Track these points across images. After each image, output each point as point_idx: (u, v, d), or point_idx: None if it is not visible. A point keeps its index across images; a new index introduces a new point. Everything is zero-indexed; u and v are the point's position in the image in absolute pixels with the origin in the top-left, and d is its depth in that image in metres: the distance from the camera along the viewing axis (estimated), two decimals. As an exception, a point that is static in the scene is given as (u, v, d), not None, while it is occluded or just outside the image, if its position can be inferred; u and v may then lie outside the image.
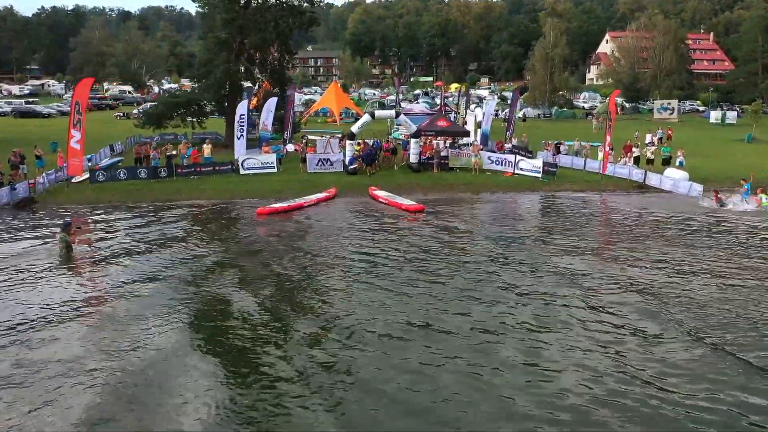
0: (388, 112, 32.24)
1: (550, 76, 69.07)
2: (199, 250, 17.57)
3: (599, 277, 15.48)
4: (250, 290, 14.48)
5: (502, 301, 13.78)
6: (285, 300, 13.96)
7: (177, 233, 19.53)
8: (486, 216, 22.28)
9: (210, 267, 16.17)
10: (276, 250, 17.80)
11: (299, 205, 23.02)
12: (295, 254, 17.23)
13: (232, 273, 15.79)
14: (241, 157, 29.71)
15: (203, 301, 13.75)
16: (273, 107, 34.22)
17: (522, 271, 15.99)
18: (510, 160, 30.76)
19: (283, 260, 16.68)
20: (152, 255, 16.96)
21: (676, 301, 13.78)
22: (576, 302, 13.80)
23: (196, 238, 18.95)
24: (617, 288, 14.71)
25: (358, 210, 22.92)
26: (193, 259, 16.64)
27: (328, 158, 30.58)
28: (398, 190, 26.59)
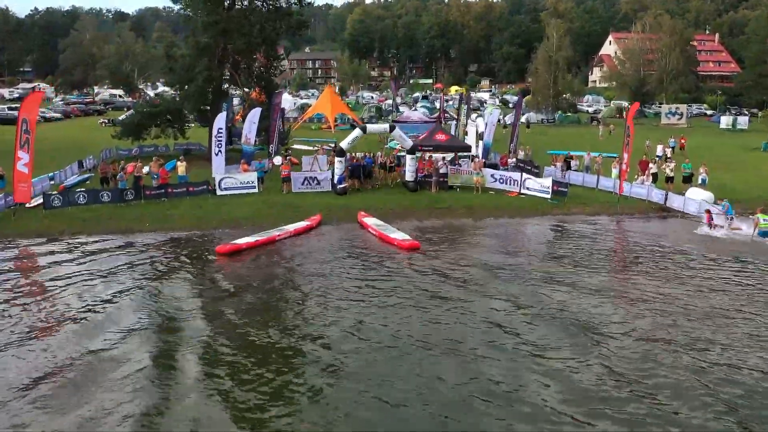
0: (381, 126, 29.00)
1: (553, 79, 65.86)
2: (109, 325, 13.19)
3: (622, 333, 12.40)
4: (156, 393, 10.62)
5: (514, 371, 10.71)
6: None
7: (100, 292, 15.13)
8: (489, 252, 19.07)
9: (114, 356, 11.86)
10: (216, 314, 13.90)
11: (271, 239, 19.79)
12: (244, 326, 13.30)
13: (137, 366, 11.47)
14: (218, 176, 26.61)
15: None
16: (256, 118, 31.12)
17: (532, 325, 12.95)
18: (515, 179, 27.64)
19: (218, 335, 12.79)
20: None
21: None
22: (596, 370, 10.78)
23: (119, 299, 14.68)
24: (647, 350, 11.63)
25: (342, 246, 19.68)
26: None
27: (315, 177, 27.48)
28: (391, 216, 23.54)
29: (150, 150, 38.90)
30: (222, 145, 27.94)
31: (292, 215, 23.07)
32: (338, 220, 22.98)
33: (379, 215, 23.33)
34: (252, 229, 21.29)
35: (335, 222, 22.72)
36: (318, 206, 24.41)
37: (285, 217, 22.78)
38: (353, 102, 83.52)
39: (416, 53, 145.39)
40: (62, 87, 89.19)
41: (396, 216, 23.59)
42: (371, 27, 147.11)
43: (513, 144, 35.02)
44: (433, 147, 28.75)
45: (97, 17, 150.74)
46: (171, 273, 16.78)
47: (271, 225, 21.73)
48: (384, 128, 28.01)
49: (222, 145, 27.93)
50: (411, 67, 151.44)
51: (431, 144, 28.65)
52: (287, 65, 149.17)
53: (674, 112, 66.56)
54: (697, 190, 26.30)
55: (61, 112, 66.65)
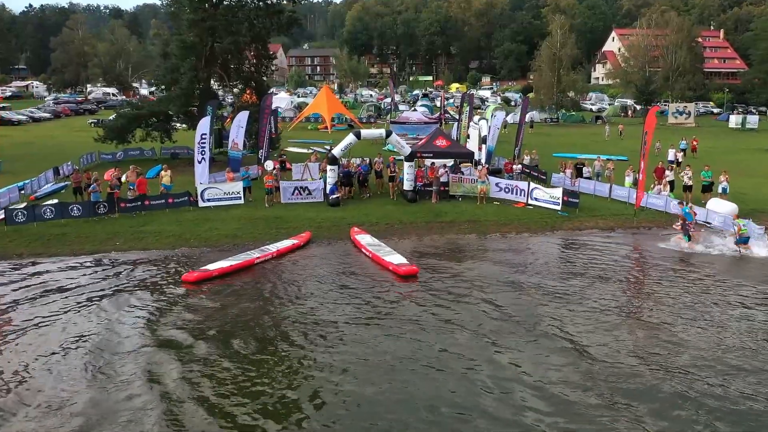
0: (376, 132, 26.78)
1: (557, 77, 63.57)
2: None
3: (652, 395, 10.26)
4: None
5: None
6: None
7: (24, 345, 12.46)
8: (495, 279, 16.85)
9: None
10: (153, 370, 11.48)
11: (249, 263, 17.50)
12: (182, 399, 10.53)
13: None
14: (200, 186, 24.45)
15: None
16: (244, 122, 28.95)
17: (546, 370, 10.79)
18: (522, 188, 25.46)
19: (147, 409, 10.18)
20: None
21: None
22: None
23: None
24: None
25: (330, 270, 17.43)
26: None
27: (306, 186, 25.32)
28: (388, 231, 21.42)
29: (135, 154, 36.79)
30: (206, 152, 25.77)
31: (278, 232, 20.95)
32: (329, 237, 20.80)
33: (375, 231, 21.20)
34: (232, 249, 19.18)
35: (325, 239, 20.56)
36: (307, 221, 22.28)
37: (270, 235, 20.65)
38: (351, 100, 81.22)
39: (416, 50, 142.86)
40: (55, 86, 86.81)
41: (393, 231, 21.45)
42: (370, 23, 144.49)
43: (518, 148, 32.83)
44: (433, 153, 26.57)
45: (94, 14, 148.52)
46: (118, 310, 14.44)
47: (254, 244, 19.61)
48: (380, 134, 25.82)
49: (206, 151, 25.76)
50: (411, 64, 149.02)
51: (431, 150, 26.47)
52: (285, 62, 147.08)
53: (681, 111, 64.28)
54: (719, 200, 24.15)
55: (51, 112, 64.42)
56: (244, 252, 18.21)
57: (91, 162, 34.21)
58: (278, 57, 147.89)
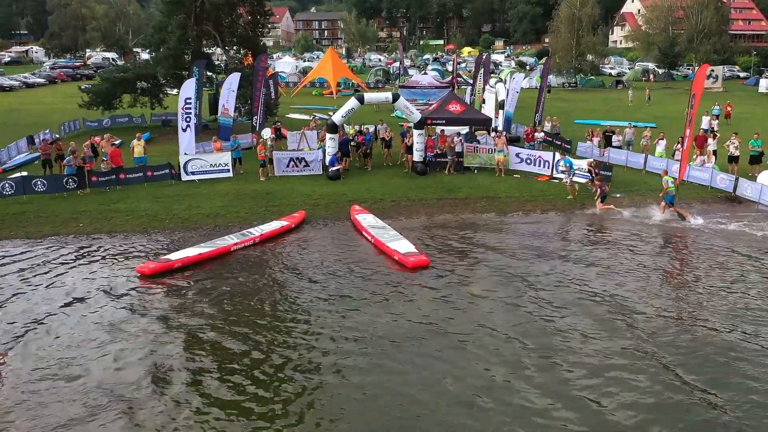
0: (381, 95, 23.56)
1: (576, 38, 59.54)
2: None
3: None
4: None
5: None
6: None
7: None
8: (520, 270, 14.04)
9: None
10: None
11: (224, 250, 14.61)
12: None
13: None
14: (183, 157, 21.59)
15: None
16: (235, 85, 25.96)
17: None
18: (546, 160, 22.40)
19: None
20: None
21: None
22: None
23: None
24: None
25: (322, 261, 14.44)
26: None
27: (303, 157, 22.40)
28: (393, 210, 18.55)
29: (123, 121, 33.92)
30: (191, 119, 22.79)
31: (268, 211, 18.14)
32: (325, 216, 17.94)
33: (379, 209, 18.36)
34: (212, 232, 16.42)
35: (321, 220, 17.71)
36: (302, 197, 19.44)
37: (258, 214, 17.85)
38: (359, 65, 77.57)
39: (427, 13, 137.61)
40: (53, 51, 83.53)
41: (400, 210, 18.58)
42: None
43: (539, 114, 29.60)
44: (446, 120, 23.46)
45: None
46: (43, 313, 11.86)
47: (238, 226, 16.83)
48: (385, 98, 22.67)
49: (191, 118, 22.78)
50: (421, 27, 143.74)
51: (443, 116, 23.36)
52: (292, 26, 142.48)
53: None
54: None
55: (46, 78, 61.35)
56: (221, 237, 15.36)
57: (74, 130, 31.41)
58: (285, 21, 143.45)
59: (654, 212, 18.32)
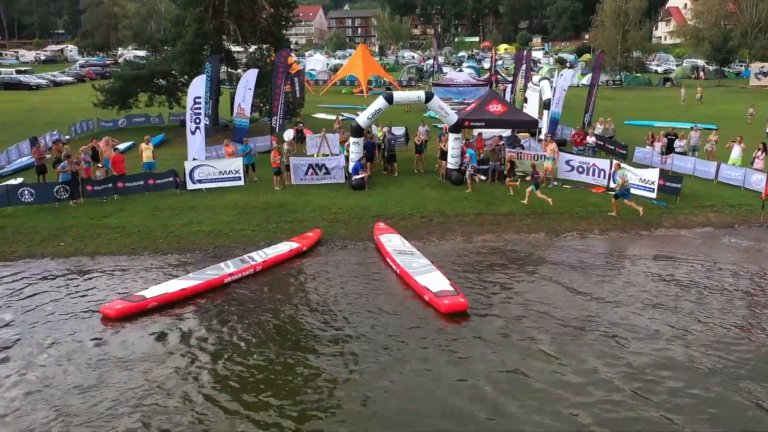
0: (413, 94, 20.57)
1: (622, 33, 55.59)
2: None
3: None
4: None
5: None
6: None
7: None
8: (582, 316, 11.12)
9: None
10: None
11: (213, 283, 11.88)
12: None
13: None
14: (189, 164, 19.13)
15: None
16: (252, 82, 23.45)
17: None
18: (602, 168, 19.28)
19: None
20: None
21: None
22: None
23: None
24: None
25: (336, 298, 11.67)
26: None
27: (324, 164, 19.74)
28: (424, 228, 15.73)
29: (140, 121, 31.88)
30: (201, 120, 20.40)
31: (279, 228, 15.52)
32: (345, 236, 15.21)
33: (407, 227, 15.58)
34: (210, 254, 13.86)
35: (339, 240, 14.97)
36: (319, 210, 16.78)
37: (267, 232, 15.24)
38: (392, 63, 74.76)
39: (462, 9, 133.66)
40: (87, 49, 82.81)
41: (432, 228, 15.73)
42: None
43: (588, 115, 26.39)
44: (485, 122, 20.50)
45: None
46: None
47: (242, 246, 14.25)
48: (417, 97, 19.76)
49: (201, 119, 20.39)
50: (456, 24, 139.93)
51: (483, 118, 20.40)
52: (325, 24, 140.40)
53: (766, 72, 55.65)
54: None
55: (74, 76, 60.22)
56: (216, 265, 12.70)
57: (86, 131, 29.41)
58: (318, 18, 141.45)
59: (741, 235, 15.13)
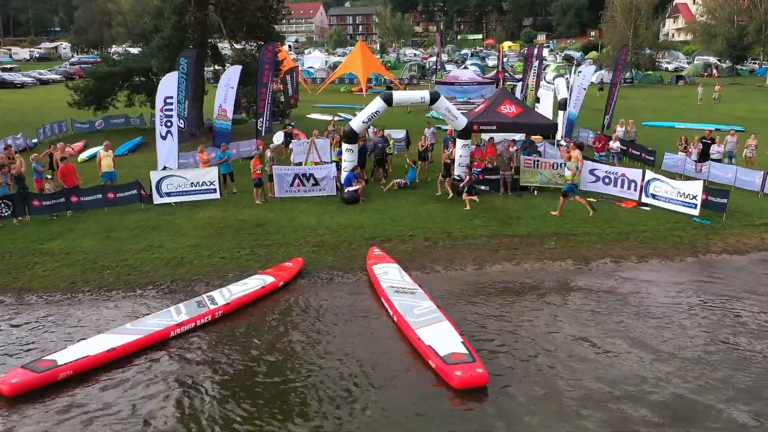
0: (415, 94, 17.69)
1: (634, 29, 52.80)
2: None
3: None
4: None
5: None
6: None
7: None
8: (634, 387, 8.50)
9: None
10: None
11: (154, 338, 9.11)
12: None
13: None
14: (156, 174, 16.45)
15: None
16: (234, 81, 20.81)
17: None
18: (633, 179, 16.59)
19: None
20: None
21: None
22: None
23: None
24: None
25: (311, 358, 8.99)
26: None
27: (312, 174, 17.07)
28: (427, 253, 13.06)
29: (119, 123, 29.35)
30: (172, 123, 17.78)
31: (254, 254, 12.86)
32: (331, 265, 12.54)
33: (407, 253, 12.94)
34: (164, 292, 11.22)
35: (325, 270, 12.30)
36: (305, 231, 14.14)
37: (239, 260, 12.60)
38: (393, 60, 72.04)
39: (465, 6, 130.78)
40: (80, 46, 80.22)
41: (437, 254, 13.06)
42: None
43: (609, 116, 23.71)
44: (497, 126, 17.79)
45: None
46: None
47: (206, 281, 11.62)
48: (421, 98, 16.98)
49: (173, 121, 17.77)
50: (459, 22, 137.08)
51: (494, 120, 17.69)
52: (326, 21, 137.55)
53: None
54: None
55: (62, 74, 57.57)
56: (165, 310, 10.00)
57: (59, 133, 26.83)
58: (319, 16, 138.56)
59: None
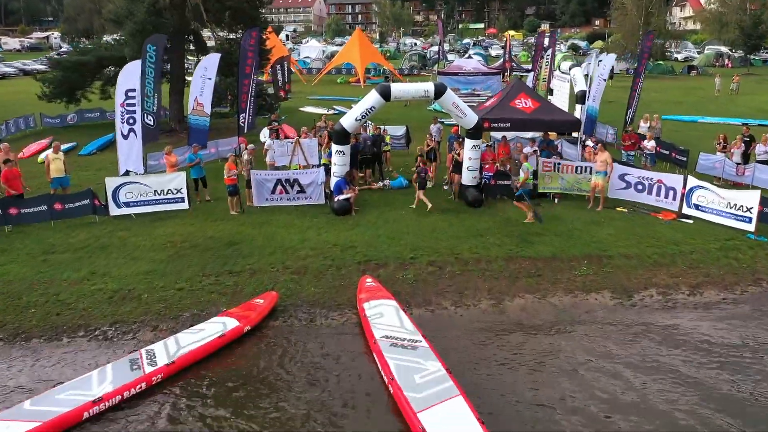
0: (417, 87, 15.02)
1: (645, 16, 50.08)
2: None
3: None
4: None
5: None
6: None
7: None
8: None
9: None
10: None
11: (61, 422, 6.55)
12: None
13: None
14: (112, 181, 13.92)
15: None
16: (212, 71, 18.29)
17: None
18: (672, 187, 14.08)
19: None
20: None
21: None
22: None
23: None
24: None
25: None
26: None
27: (296, 180, 14.56)
28: (432, 281, 10.59)
29: (94, 117, 26.85)
30: (136, 120, 15.28)
31: (218, 283, 10.39)
32: (313, 299, 10.06)
33: (406, 282, 10.49)
34: (104, 338, 8.77)
35: (305, 307, 9.83)
36: (284, 252, 11.66)
37: (201, 293, 10.12)
38: (392, 50, 69.28)
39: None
40: (70, 35, 77.39)
41: (443, 283, 10.58)
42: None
43: (632, 111, 21.13)
44: (511, 123, 15.25)
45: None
46: None
47: (152, 324, 9.16)
48: (424, 91, 14.33)
49: (135, 119, 15.27)
50: (460, 10, 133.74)
51: (508, 117, 15.14)
52: (324, 10, 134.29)
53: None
54: None
55: (47, 64, 54.75)
56: (81, 377, 7.42)
57: (25, 128, 24.37)
58: (317, 5, 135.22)
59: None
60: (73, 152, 20.76)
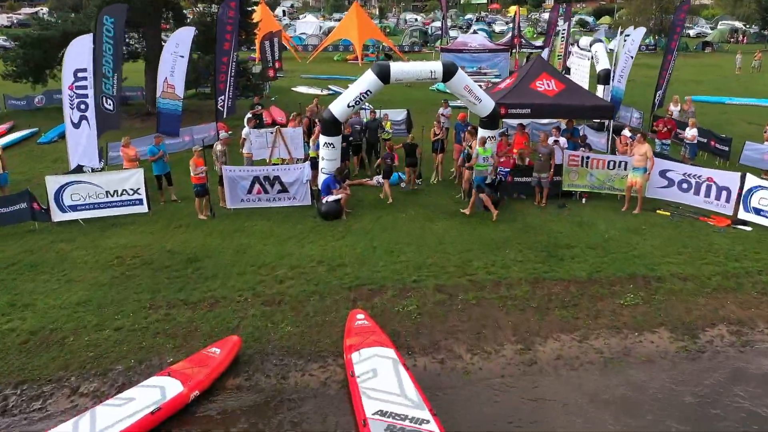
0: (424, 67, 12.32)
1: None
2: None
3: None
4: None
5: None
6: None
7: None
8: None
9: None
10: None
11: None
12: None
13: None
14: (53, 180, 11.50)
15: None
16: (185, 48, 15.76)
17: None
18: (725, 187, 11.66)
19: None
20: None
21: None
22: None
23: None
24: None
25: None
26: None
27: (277, 177, 12.14)
28: (440, 315, 8.25)
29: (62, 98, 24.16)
30: (88, 106, 12.88)
31: (172, 319, 8.07)
32: (286, 343, 7.74)
33: (408, 316, 8.17)
34: (2, 410, 6.49)
35: (276, 354, 7.52)
36: (257, 273, 9.31)
37: (145, 333, 7.80)
38: (392, 26, 66.17)
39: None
40: (59, 10, 74.05)
41: (453, 317, 8.26)
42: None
43: (662, 92, 18.57)
44: (532, 109, 12.77)
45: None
46: None
47: (71, 387, 6.86)
48: (429, 71, 11.74)
49: (88, 104, 12.86)
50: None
51: (528, 102, 12.67)
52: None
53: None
54: None
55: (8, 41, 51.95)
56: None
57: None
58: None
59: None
60: (32, 140, 18.35)
